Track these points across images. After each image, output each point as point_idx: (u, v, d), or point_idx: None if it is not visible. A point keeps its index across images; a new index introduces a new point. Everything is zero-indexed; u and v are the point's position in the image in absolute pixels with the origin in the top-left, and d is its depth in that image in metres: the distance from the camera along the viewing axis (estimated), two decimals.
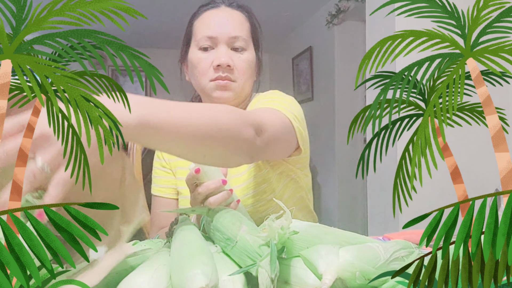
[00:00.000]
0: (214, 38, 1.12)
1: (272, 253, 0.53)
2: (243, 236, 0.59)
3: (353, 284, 0.52)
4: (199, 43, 1.13)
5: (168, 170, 1.24)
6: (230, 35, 1.12)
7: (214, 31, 1.12)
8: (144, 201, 0.64)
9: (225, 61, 1.10)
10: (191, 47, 1.18)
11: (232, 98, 1.16)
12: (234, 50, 1.14)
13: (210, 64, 1.13)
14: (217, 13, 1.15)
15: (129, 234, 0.61)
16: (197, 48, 1.14)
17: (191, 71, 1.19)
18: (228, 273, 0.55)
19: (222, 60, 1.10)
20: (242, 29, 1.15)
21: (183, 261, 0.53)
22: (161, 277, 0.52)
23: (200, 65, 1.14)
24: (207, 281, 0.48)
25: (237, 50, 1.14)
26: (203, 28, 1.14)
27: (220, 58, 1.11)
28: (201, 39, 1.13)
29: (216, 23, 1.13)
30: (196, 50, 1.15)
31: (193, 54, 1.16)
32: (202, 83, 1.15)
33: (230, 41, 1.13)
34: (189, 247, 0.57)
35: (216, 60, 1.11)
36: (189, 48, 1.19)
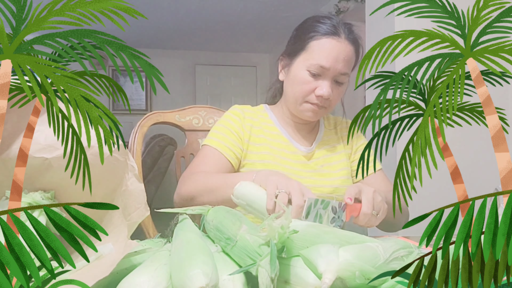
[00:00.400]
0: (327, 69, 1.19)
1: (272, 253, 0.53)
2: (243, 235, 0.59)
3: (352, 283, 0.52)
4: (311, 67, 1.20)
5: (240, 138, 1.28)
6: (340, 71, 1.21)
7: (328, 63, 1.19)
8: (144, 198, 0.64)
9: (327, 95, 1.20)
10: (299, 61, 1.24)
11: (318, 118, 1.30)
12: (336, 82, 1.23)
13: (313, 90, 1.22)
14: (336, 46, 1.20)
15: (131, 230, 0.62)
16: (307, 68, 1.21)
17: (291, 82, 1.26)
18: (228, 272, 0.55)
19: (325, 93, 1.20)
20: (350, 66, 1.25)
21: (183, 260, 0.53)
22: (161, 277, 0.52)
23: (304, 86, 1.22)
24: (207, 281, 0.48)
25: (338, 83, 1.23)
26: (320, 56, 1.19)
27: (324, 91, 1.20)
28: (314, 66, 1.19)
29: (333, 56, 1.19)
30: (304, 70, 1.22)
31: (301, 72, 1.22)
32: (299, 100, 1.25)
33: (337, 75, 1.21)
34: (189, 246, 0.57)
35: (320, 91, 1.20)
36: (294, 58, 1.26)
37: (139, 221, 0.62)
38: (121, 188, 0.66)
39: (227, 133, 1.27)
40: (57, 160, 0.72)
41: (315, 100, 1.22)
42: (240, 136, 1.27)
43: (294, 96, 1.25)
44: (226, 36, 5.97)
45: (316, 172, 1.29)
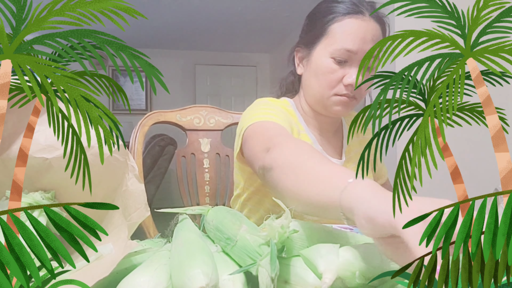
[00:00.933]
0: (354, 53, 1.05)
1: (272, 253, 0.54)
2: (243, 235, 0.60)
3: (352, 283, 0.52)
4: (336, 53, 1.06)
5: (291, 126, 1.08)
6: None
7: (355, 45, 1.05)
8: (145, 198, 0.64)
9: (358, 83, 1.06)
10: (319, 48, 1.09)
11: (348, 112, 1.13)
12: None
13: (341, 79, 1.07)
14: (362, 26, 1.05)
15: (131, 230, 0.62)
16: (330, 55, 1.07)
17: (314, 74, 1.10)
18: (228, 272, 0.55)
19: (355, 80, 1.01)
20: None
21: (183, 260, 0.53)
22: (161, 277, 0.52)
23: (330, 76, 1.07)
24: (207, 281, 0.49)
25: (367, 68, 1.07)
26: (344, 39, 1.05)
27: (354, 78, 1.05)
28: (339, 51, 1.05)
29: (360, 37, 1.05)
30: (328, 58, 1.07)
31: (323, 60, 1.08)
32: (326, 94, 1.09)
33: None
34: (189, 246, 0.57)
35: (349, 78, 1.06)
36: (313, 46, 1.10)
37: (139, 221, 0.62)
38: (122, 188, 0.66)
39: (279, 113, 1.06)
40: (57, 160, 0.72)
41: (344, 91, 1.07)
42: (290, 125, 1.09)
43: (321, 89, 1.09)
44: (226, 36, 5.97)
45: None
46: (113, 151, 0.67)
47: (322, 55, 1.08)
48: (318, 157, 0.78)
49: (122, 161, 0.68)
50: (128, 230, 0.62)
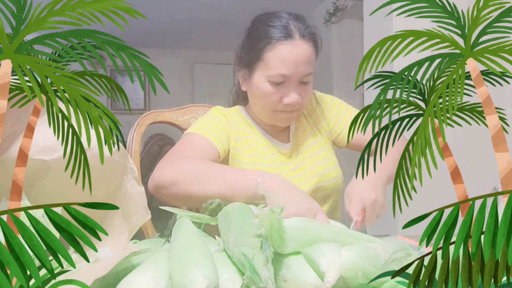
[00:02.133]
0: (288, 77, 1.13)
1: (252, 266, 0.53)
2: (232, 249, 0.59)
3: (354, 283, 0.52)
4: (272, 78, 1.14)
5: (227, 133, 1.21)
6: (303, 73, 1.14)
7: (289, 70, 1.12)
8: (145, 201, 0.64)
9: (295, 102, 1.14)
10: (258, 73, 1.17)
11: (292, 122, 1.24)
12: (301, 83, 1.16)
13: (280, 99, 1.15)
14: (293, 50, 1.13)
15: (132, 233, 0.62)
16: (267, 80, 1.15)
17: (255, 95, 1.20)
18: (228, 272, 0.55)
19: (293, 100, 1.14)
20: (312, 64, 1.17)
21: (182, 262, 0.53)
22: (161, 277, 0.52)
23: (269, 98, 1.16)
24: (207, 282, 0.48)
25: (304, 83, 1.16)
26: (278, 65, 1.13)
27: (292, 98, 1.14)
28: (275, 76, 1.13)
29: (292, 62, 1.12)
30: (266, 82, 1.15)
31: (262, 84, 1.16)
32: (267, 112, 1.19)
33: (301, 78, 1.15)
34: (188, 247, 0.57)
35: (288, 99, 1.14)
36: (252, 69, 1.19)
37: (140, 224, 0.62)
38: (121, 190, 0.66)
39: (214, 124, 1.19)
40: (56, 162, 0.71)
41: (284, 108, 1.17)
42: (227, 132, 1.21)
43: (262, 109, 1.20)
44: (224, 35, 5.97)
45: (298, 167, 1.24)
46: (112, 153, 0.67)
47: (260, 80, 1.17)
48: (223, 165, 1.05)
49: (121, 163, 0.67)
50: (129, 233, 0.62)
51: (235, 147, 1.21)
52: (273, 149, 1.25)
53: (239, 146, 1.22)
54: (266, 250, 0.56)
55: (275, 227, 0.58)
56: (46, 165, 0.71)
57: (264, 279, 0.51)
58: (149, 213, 0.62)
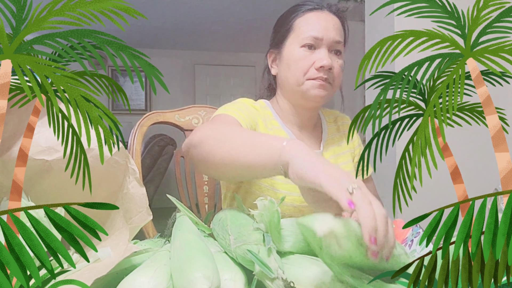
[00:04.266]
0: (320, 39, 1.15)
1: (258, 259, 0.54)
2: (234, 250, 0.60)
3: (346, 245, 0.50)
4: (303, 41, 1.16)
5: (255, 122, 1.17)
6: (334, 39, 1.16)
7: (321, 32, 1.15)
8: (146, 202, 0.64)
9: (328, 64, 1.14)
10: (289, 43, 1.19)
11: (325, 98, 1.21)
12: (334, 53, 1.18)
13: (312, 64, 1.16)
14: (322, 16, 1.18)
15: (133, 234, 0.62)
16: (299, 45, 1.16)
17: (287, 66, 1.20)
18: (229, 272, 0.55)
19: (325, 62, 1.14)
20: (341, 35, 1.20)
21: (183, 264, 0.53)
22: (161, 277, 0.52)
23: (302, 62, 1.16)
24: (209, 284, 0.48)
25: (336, 54, 1.18)
26: (309, 28, 1.16)
27: (323, 60, 1.14)
28: (306, 38, 1.15)
29: (323, 25, 1.16)
30: (298, 47, 1.17)
31: (294, 51, 1.17)
32: (300, 80, 1.18)
33: (332, 45, 1.16)
34: (189, 249, 0.57)
35: (319, 61, 1.15)
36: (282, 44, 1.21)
37: (141, 225, 0.62)
38: (122, 191, 0.66)
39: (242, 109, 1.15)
40: (57, 162, 0.71)
41: (317, 74, 1.15)
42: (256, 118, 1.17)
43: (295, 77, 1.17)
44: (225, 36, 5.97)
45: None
46: (113, 154, 0.67)
47: (292, 47, 1.18)
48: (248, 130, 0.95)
49: (123, 163, 0.67)
50: (130, 233, 0.62)
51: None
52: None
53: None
54: (269, 242, 0.56)
55: (274, 222, 0.59)
56: (48, 166, 0.72)
57: (274, 269, 0.52)
58: (150, 214, 0.62)
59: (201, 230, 0.73)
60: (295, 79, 1.18)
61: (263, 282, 0.53)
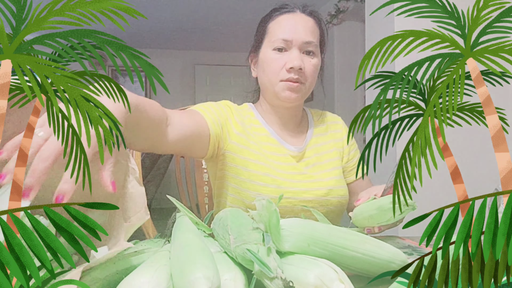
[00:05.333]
0: (289, 41, 1.18)
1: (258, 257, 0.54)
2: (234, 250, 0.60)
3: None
4: (274, 44, 1.19)
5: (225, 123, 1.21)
6: (304, 40, 1.19)
7: (289, 34, 1.18)
8: (145, 202, 0.64)
9: (298, 64, 1.17)
10: (263, 46, 1.24)
11: (298, 99, 1.24)
12: (306, 53, 1.20)
13: (283, 66, 1.19)
14: (292, 18, 1.21)
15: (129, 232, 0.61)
16: (271, 48, 1.20)
17: (262, 69, 1.24)
18: (229, 272, 0.55)
19: (295, 63, 1.17)
20: (314, 35, 1.22)
21: (184, 264, 0.52)
22: (162, 277, 0.52)
23: (273, 64, 1.20)
24: (209, 284, 0.48)
25: (309, 54, 1.21)
26: (279, 31, 1.20)
27: (293, 61, 1.17)
28: (276, 41, 1.19)
29: (292, 27, 1.19)
30: (270, 50, 1.21)
31: (266, 54, 1.22)
32: (273, 82, 1.22)
33: (303, 45, 1.19)
34: (189, 249, 0.57)
35: (289, 63, 1.18)
36: (259, 47, 1.25)
37: (138, 224, 0.62)
38: (122, 190, 0.66)
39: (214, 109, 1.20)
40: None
41: (288, 75, 1.18)
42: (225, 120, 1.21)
43: (268, 79, 1.21)
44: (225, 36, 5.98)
45: (308, 174, 1.24)
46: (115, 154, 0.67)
47: (265, 51, 1.22)
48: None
49: (123, 163, 0.67)
50: (126, 232, 0.62)
51: (238, 142, 1.21)
52: (282, 150, 1.25)
53: (243, 141, 1.22)
54: (269, 242, 0.56)
55: (273, 222, 0.59)
56: None
57: (273, 269, 0.52)
58: (148, 213, 0.62)
59: (201, 230, 0.73)
60: (269, 81, 1.22)
61: (262, 282, 0.53)
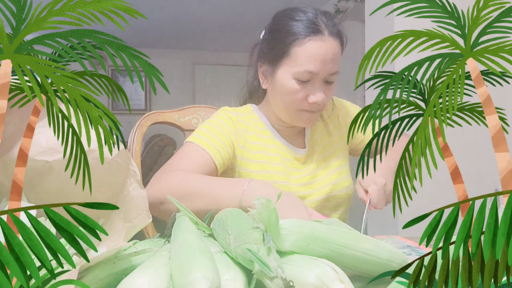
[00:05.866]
0: (315, 74, 1.10)
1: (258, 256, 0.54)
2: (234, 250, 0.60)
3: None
4: (298, 74, 1.11)
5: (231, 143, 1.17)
6: (330, 72, 1.11)
7: (317, 67, 1.10)
8: (146, 204, 0.63)
9: (322, 100, 1.12)
10: (283, 69, 1.14)
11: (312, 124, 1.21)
12: (326, 82, 1.14)
13: (305, 97, 1.13)
14: (322, 47, 1.10)
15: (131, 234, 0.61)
16: (293, 76, 1.12)
17: (278, 91, 1.16)
18: (229, 272, 0.55)
19: (319, 98, 1.12)
20: (338, 63, 1.14)
21: (184, 264, 0.52)
22: (162, 278, 0.52)
23: (294, 96, 1.13)
24: (209, 284, 0.48)
25: (328, 82, 1.14)
26: (306, 61, 1.10)
27: (317, 96, 1.12)
28: (302, 73, 1.10)
29: (320, 59, 1.10)
30: (291, 78, 1.12)
31: (287, 80, 1.13)
32: (290, 110, 1.16)
33: (328, 76, 1.12)
34: (189, 249, 0.57)
35: (313, 97, 1.12)
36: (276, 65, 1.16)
37: (140, 226, 0.62)
38: (123, 193, 0.66)
39: (217, 133, 1.15)
40: (58, 163, 0.71)
41: (309, 108, 1.14)
42: (232, 140, 1.16)
43: (285, 107, 1.16)
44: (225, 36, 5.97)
45: (311, 175, 1.22)
46: (114, 155, 0.67)
47: (286, 76, 1.13)
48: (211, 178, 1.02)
49: (124, 165, 0.67)
50: (126, 233, 0.62)
51: (242, 156, 1.18)
52: (287, 154, 1.22)
53: (246, 154, 1.18)
54: (269, 241, 0.56)
55: (272, 222, 0.59)
56: (49, 166, 0.72)
57: (274, 268, 0.52)
58: (150, 216, 0.62)
59: (201, 230, 0.73)
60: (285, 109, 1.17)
61: (263, 281, 0.53)
